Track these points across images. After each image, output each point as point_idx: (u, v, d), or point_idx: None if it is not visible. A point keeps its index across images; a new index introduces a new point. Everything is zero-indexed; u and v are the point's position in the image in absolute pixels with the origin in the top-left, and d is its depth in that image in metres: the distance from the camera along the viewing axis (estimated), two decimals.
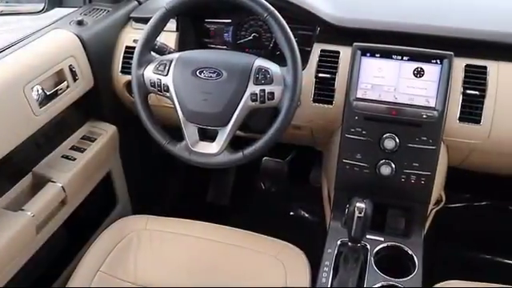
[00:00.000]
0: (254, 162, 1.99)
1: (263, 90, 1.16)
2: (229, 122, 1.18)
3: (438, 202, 1.49)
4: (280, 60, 1.20)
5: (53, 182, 1.31)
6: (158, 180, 1.95)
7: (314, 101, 1.34)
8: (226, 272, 1.24)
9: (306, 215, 2.04)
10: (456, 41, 1.30)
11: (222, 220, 1.39)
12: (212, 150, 1.21)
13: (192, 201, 2.08)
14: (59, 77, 1.33)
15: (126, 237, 1.32)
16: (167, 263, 1.27)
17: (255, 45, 1.52)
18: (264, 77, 1.17)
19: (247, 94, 1.16)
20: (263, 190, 2.10)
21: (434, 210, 1.50)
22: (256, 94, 1.16)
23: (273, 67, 1.18)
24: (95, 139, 1.48)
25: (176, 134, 1.25)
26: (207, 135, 1.23)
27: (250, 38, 1.52)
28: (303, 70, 1.33)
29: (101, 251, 1.29)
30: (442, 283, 1.20)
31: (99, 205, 1.60)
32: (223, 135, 1.19)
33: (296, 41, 1.40)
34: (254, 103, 1.17)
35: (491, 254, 1.90)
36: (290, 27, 1.36)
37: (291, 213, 2.08)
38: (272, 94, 1.16)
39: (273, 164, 1.99)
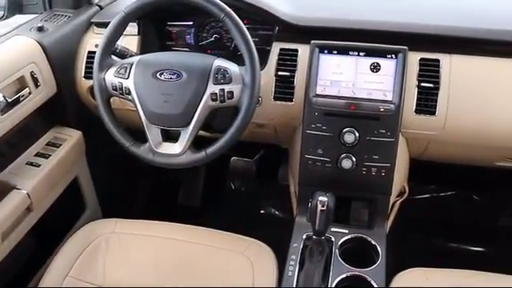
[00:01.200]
0: (223, 162, 2.04)
1: (223, 90, 1.18)
2: (190, 122, 1.19)
3: (401, 194, 1.53)
4: (241, 60, 1.22)
5: (17, 189, 1.31)
6: (127, 183, 1.95)
7: (275, 99, 1.36)
8: (193, 271, 1.26)
9: (276, 212, 2.06)
10: (410, 36, 1.34)
11: (193, 221, 1.40)
12: (175, 150, 1.22)
13: (163, 203, 2.08)
14: (21, 83, 1.33)
15: (94, 241, 1.32)
16: (136, 265, 1.28)
17: (217, 46, 1.54)
18: (223, 76, 1.19)
19: (207, 93, 1.18)
20: (233, 189, 2.12)
21: (399, 202, 1.53)
22: (216, 93, 1.18)
23: (231, 67, 1.21)
24: (60, 145, 1.48)
25: (141, 136, 1.26)
26: (170, 136, 1.25)
27: (212, 39, 1.54)
28: (263, 68, 1.36)
29: (69, 256, 1.29)
30: (404, 271, 1.23)
31: (67, 210, 1.59)
32: (185, 135, 1.21)
33: (256, 41, 1.44)
34: (214, 103, 1.19)
35: (457, 242, 1.96)
36: (249, 27, 1.39)
37: (262, 211, 2.10)
38: (231, 93, 1.18)
39: (241, 164, 2.01)
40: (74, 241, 1.33)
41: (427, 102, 1.29)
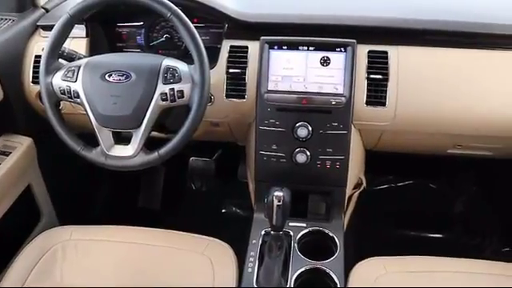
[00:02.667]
0: (182, 162, 2.03)
1: (172, 89, 1.17)
2: (141, 123, 1.18)
3: (358, 186, 1.55)
4: (193, 59, 1.21)
5: None
6: (85, 188, 1.91)
7: (227, 96, 1.36)
8: (153, 273, 1.24)
9: (238, 211, 2.06)
10: (358, 29, 1.36)
11: (155, 223, 1.38)
12: (127, 152, 1.20)
13: (123, 207, 2.05)
14: None
15: (50, 249, 1.29)
16: (94, 271, 1.25)
17: (168, 46, 1.53)
18: (172, 76, 1.18)
19: (157, 93, 1.17)
20: (194, 189, 2.10)
21: (356, 194, 1.56)
22: (166, 93, 1.17)
23: (181, 66, 1.20)
24: (10, 153, 1.44)
25: (95, 140, 1.24)
26: (122, 138, 1.23)
27: (163, 39, 1.52)
28: (214, 67, 1.36)
29: (24, 267, 1.25)
30: (362, 261, 1.25)
31: (22, 220, 1.55)
32: (137, 137, 1.19)
33: (207, 39, 1.44)
34: (164, 102, 1.18)
35: (415, 230, 2.00)
36: (199, 26, 1.39)
37: (223, 210, 2.09)
38: (181, 92, 1.17)
39: (201, 163, 2.00)
40: (29, 251, 1.30)
41: (377, 94, 1.31)
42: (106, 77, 1.19)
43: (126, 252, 1.29)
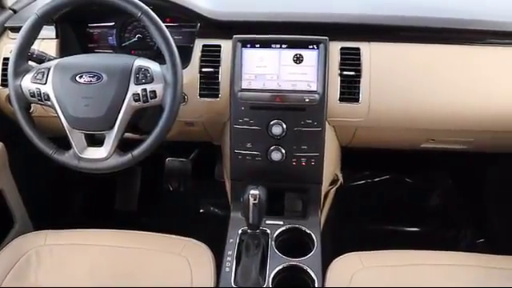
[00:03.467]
0: (158, 163, 2.01)
1: (145, 90, 1.16)
2: (114, 124, 1.17)
3: (334, 182, 1.56)
4: (165, 59, 1.20)
5: None
6: (59, 192, 1.88)
7: (201, 96, 1.35)
8: (130, 276, 1.23)
9: (216, 210, 2.06)
10: (330, 26, 1.37)
11: (132, 225, 1.37)
12: (101, 154, 1.19)
13: (99, 209, 2.03)
14: None
15: (24, 255, 1.26)
16: (70, 276, 1.23)
17: (141, 46, 1.51)
18: (144, 76, 1.17)
19: (129, 94, 1.16)
20: (171, 190, 2.09)
21: (333, 190, 1.56)
22: (138, 93, 1.16)
23: (153, 66, 1.19)
24: None
25: (67, 143, 1.22)
26: (95, 140, 1.21)
27: (135, 39, 1.51)
28: (187, 66, 1.35)
29: None
30: (340, 257, 1.26)
31: None
32: (110, 139, 1.18)
33: (180, 39, 1.43)
34: (137, 103, 1.17)
35: (392, 225, 2.02)
36: (172, 25, 1.38)
37: (201, 210, 2.09)
38: (154, 92, 1.16)
39: (177, 164, 1.98)
40: (2, 257, 1.27)
41: (350, 90, 1.32)
42: (77, 78, 1.18)
43: (103, 255, 1.28)
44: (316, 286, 1.17)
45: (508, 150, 1.59)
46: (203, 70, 1.35)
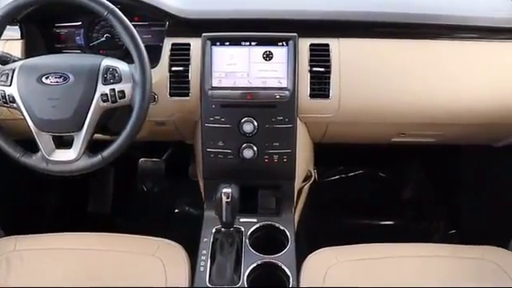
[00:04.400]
0: (131, 164, 1.99)
1: (113, 90, 1.15)
2: (83, 126, 1.15)
3: (308, 178, 1.57)
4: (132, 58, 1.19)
5: None
6: (29, 196, 1.85)
7: (171, 95, 1.34)
8: (104, 279, 1.21)
9: (191, 210, 2.05)
10: (299, 22, 1.37)
11: (106, 228, 1.35)
12: (70, 156, 1.17)
13: (72, 213, 2.00)
14: None
15: None
16: (42, 282, 1.20)
17: (109, 46, 1.49)
18: (112, 76, 1.15)
19: (97, 95, 1.14)
20: (145, 191, 2.07)
21: (307, 186, 1.57)
22: (106, 94, 1.15)
23: (121, 65, 1.18)
24: None
25: (34, 145, 1.20)
26: (63, 142, 1.19)
27: (103, 39, 1.48)
28: (157, 65, 1.33)
29: None
30: (314, 252, 1.27)
31: None
32: (79, 140, 1.16)
33: (149, 38, 1.42)
34: (105, 104, 1.15)
35: (367, 219, 2.05)
36: (140, 25, 1.36)
37: (176, 210, 2.08)
38: (122, 92, 1.15)
39: (150, 164, 1.97)
40: None
41: (320, 86, 1.32)
42: (43, 79, 1.15)
43: (75, 260, 1.26)
44: (291, 282, 1.18)
45: (477, 141, 1.62)
46: (173, 68, 1.33)
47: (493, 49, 1.38)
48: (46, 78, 1.15)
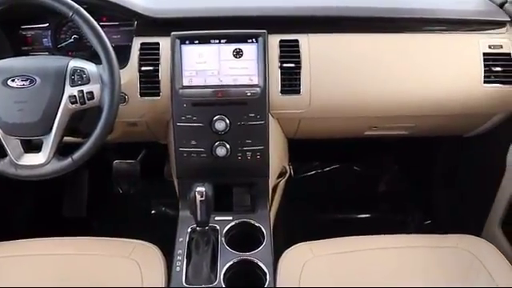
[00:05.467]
0: (105, 166, 1.97)
1: (81, 91, 1.13)
2: (51, 129, 1.13)
3: (283, 174, 1.57)
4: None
5: None
6: (3, 203, 1.81)
7: (142, 95, 1.33)
8: (79, 284, 1.20)
9: (167, 210, 2.04)
10: (268, 19, 1.37)
11: (82, 232, 1.34)
12: (39, 160, 1.15)
13: (46, 218, 1.96)
14: None
15: None
16: None
17: (78, 47, 1.47)
18: (80, 77, 1.14)
19: (65, 97, 1.13)
20: (121, 193, 2.05)
21: (282, 182, 1.58)
22: (75, 95, 1.13)
23: (88, 66, 1.16)
24: None
25: (2, 150, 1.18)
26: (32, 146, 1.17)
27: (71, 40, 1.46)
28: (126, 65, 1.32)
29: None
30: (290, 248, 1.27)
31: None
32: (48, 143, 1.14)
33: (118, 38, 1.40)
34: (74, 105, 1.14)
35: (344, 213, 2.06)
36: (109, 25, 1.35)
37: (152, 211, 2.06)
38: (91, 93, 1.14)
39: (125, 166, 1.95)
40: None
41: (291, 82, 1.33)
42: (9, 82, 1.13)
43: (49, 265, 1.24)
44: (267, 278, 1.18)
45: (448, 132, 1.64)
46: (142, 68, 1.32)
47: (460, 40, 1.40)
48: (12, 80, 1.13)
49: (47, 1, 1.13)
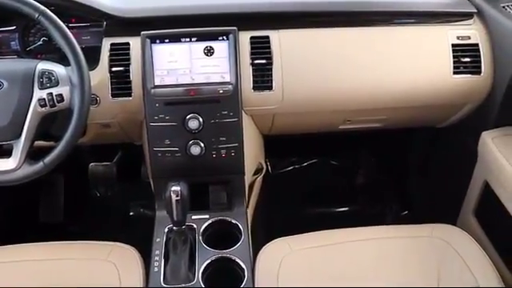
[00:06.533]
0: (81, 170, 1.95)
1: (50, 94, 1.12)
2: (21, 133, 1.11)
3: (259, 171, 1.57)
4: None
5: None
6: None
7: (113, 96, 1.32)
8: None
9: (146, 211, 2.02)
10: (238, 16, 1.37)
11: (60, 237, 1.32)
12: (9, 165, 1.13)
13: (23, 225, 1.94)
14: None
15: None
16: None
17: (47, 49, 1.44)
18: (49, 80, 1.13)
19: (34, 100, 1.11)
20: (98, 196, 2.03)
21: (259, 179, 1.58)
22: (44, 98, 1.12)
23: (57, 68, 1.15)
24: None
25: None
26: (2, 151, 1.15)
27: (40, 42, 1.44)
28: (97, 66, 1.31)
29: None
30: (268, 244, 1.27)
31: None
32: (18, 148, 1.12)
33: (88, 39, 1.38)
34: (43, 109, 1.12)
35: (322, 207, 2.07)
36: (78, 26, 1.33)
37: (131, 213, 2.04)
38: (60, 95, 1.13)
39: (101, 168, 1.93)
40: None
41: (263, 78, 1.33)
42: None
43: (25, 272, 1.23)
44: (246, 274, 1.18)
45: (421, 123, 1.67)
46: (113, 69, 1.31)
47: (429, 32, 1.42)
48: None
49: (12, 3, 1.11)
